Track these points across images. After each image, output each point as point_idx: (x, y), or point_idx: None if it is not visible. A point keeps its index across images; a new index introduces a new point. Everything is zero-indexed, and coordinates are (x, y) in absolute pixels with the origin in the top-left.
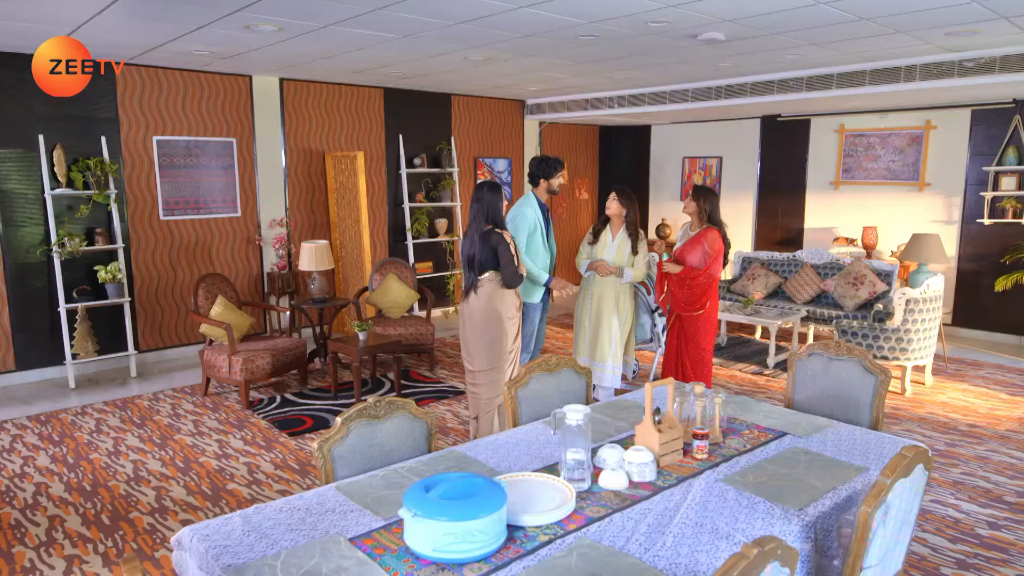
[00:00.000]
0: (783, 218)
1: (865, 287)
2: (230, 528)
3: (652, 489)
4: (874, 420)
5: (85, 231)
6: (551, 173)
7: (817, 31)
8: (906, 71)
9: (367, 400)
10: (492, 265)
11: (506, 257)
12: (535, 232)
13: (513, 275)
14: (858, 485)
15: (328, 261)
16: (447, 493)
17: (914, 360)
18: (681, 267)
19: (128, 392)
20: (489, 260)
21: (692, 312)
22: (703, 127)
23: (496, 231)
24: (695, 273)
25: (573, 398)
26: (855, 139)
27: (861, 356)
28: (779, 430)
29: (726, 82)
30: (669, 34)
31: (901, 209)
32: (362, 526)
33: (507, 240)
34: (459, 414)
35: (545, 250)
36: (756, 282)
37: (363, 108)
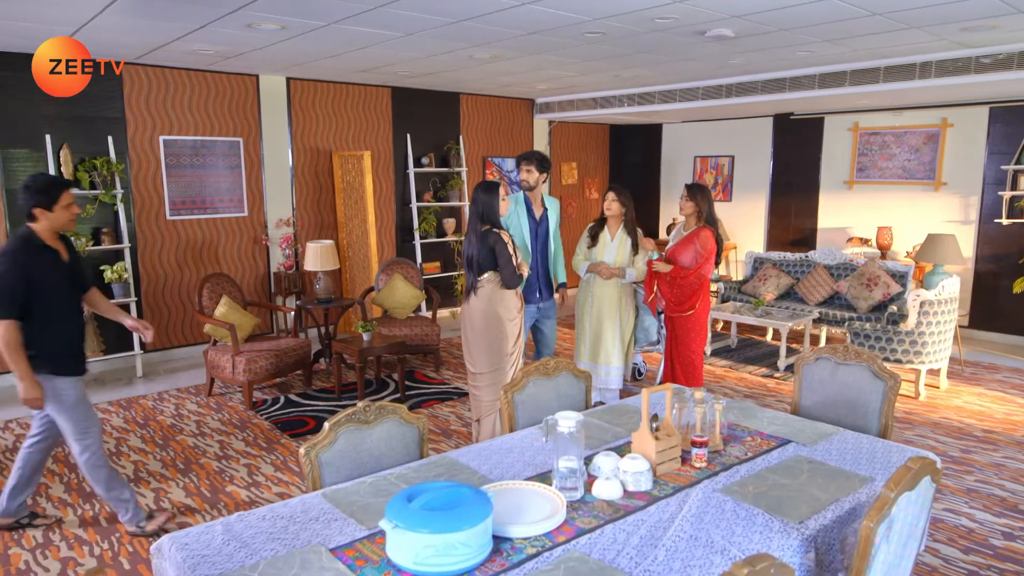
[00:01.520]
0: (796, 218)
1: (879, 288)
2: (210, 537)
3: (647, 499)
4: (883, 427)
5: (92, 231)
6: (517, 169)
7: (828, 27)
8: (921, 68)
9: (356, 404)
10: (491, 265)
11: (504, 257)
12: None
13: (512, 275)
14: (863, 496)
15: (333, 261)
16: (429, 504)
17: (928, 363)
18: (671, 266)
19: (133, 392)
20: (488, 260)
21: (682, 313)
22: (715, 126)
23: (494, 231)
24: (685, 273)
25: (571, 403)
26: (870, 137)
27: (869, 361)
28: (782, 437)
29: (737, 80)
30: (676, 31)
31: (916, 209)
32: (345, 536)
33: (504, 240)
34: (463, 416)
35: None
36: (768, 283)
37: (371, 107)
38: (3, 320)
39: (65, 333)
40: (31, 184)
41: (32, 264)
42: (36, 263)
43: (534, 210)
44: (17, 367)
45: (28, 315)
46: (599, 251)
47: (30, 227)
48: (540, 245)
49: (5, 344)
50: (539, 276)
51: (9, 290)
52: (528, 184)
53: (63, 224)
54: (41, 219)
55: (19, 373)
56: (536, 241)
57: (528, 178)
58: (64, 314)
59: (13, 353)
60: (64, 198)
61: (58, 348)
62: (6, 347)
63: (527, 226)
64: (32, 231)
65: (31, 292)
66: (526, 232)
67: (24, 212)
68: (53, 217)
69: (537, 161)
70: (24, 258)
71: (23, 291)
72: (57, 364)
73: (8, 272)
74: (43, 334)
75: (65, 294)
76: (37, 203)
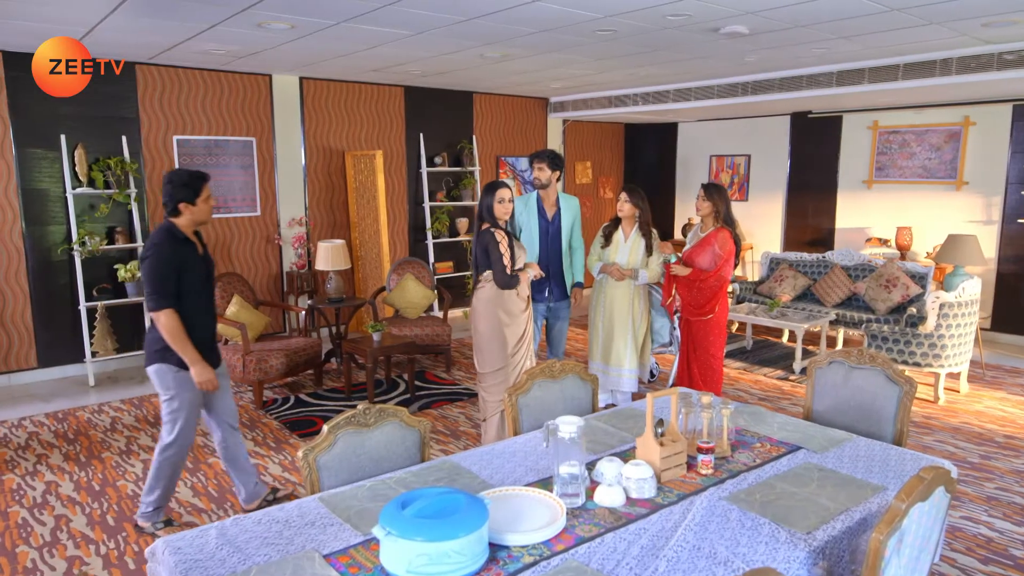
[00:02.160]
0: (813, 218)
1: (898, 290)
2: (204, 541)
3: (650, 507)
4: (897, 434)
5: (105, 230)
6: (530, 168)
7: (845, 23)
8: (942, 65)
9: (356, 407)
10: (488, 265)
11: (494, 256)
12: (524, 228)
13: (502, 275)
14: (874, 506)
15: (345, 261)
16: (423, 511)
17: (948, 367)
18: (690, 269)
19: (146, 391)
20: (484, 260)
21: (701, 316)
22: (731, 124)
23: (489, 231)
24: (705, 275)
25: (578, 406)
26: (889, 136)
27: (884, 365)
28: (793, 444)
29: (753, 78)
30: (690, 28)
31: (937, 209)
32: (340, 541)
33: (498, 239)
34: (472, 417)
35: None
36: (784, 284)
37: (383, 107)
38: (165, 309)
39: (201, 327)
40: (175, 179)
41: (178, 256)
42: (181, 255)
43: (546, 209)
44: (185, 352)
45: None
46: (612, 252)
47: (172, 221)
48: (550, 244)
49: (170, 332)
50: (550, 275)
51: (164, 279)
52: (540, 182)
53: (204, 217)
54: (184, 213)
55: (188, 358)
56: (546, 240)
57: (540, 176)
58: (201, 307)
59: (178, 339)
60: (205, 191)
61: (195, 341)
62: (171, 335)
63: (537, 226)
64: (174, 225)
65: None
66: (535, 232)
67: (169, 207)
68: (195, 211)
69: (549, 159)
70: (171, 249)
71: (174, 281)
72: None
73: (160, 263)
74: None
75: (201, 288)
76: (183, 197)
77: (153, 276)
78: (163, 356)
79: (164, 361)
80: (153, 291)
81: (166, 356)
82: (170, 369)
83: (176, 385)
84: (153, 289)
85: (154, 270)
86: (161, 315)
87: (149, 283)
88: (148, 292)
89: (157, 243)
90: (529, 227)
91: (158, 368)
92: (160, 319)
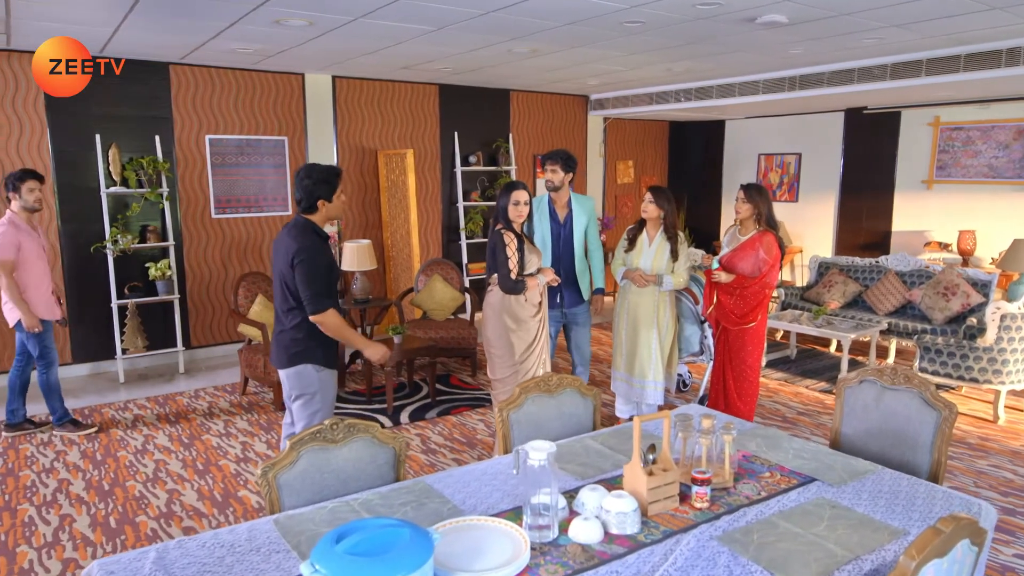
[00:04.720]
0: (868, 220)
1: (957, 298)
2: (140, 565)
3: (630, 545)
4: (934, 464)
5: (138, 228)
6: (543, 169)
7: (895, 10)
8: (1008, 55)
9: (323, 423)
10: (495, 267)
11: (500, 258)
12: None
13: (505, 279)
14: (890, 554)
15: (371, 261)
16: (358, 547)
17: (1009, 384)
18: (733, 276)
19: (172, 388)
20: (492, 262)
21: (743, 325)
22: (780, 121)
23: (500, 231)
24: (749, 282)
25: (576, 423)
26: (952, 133)
27: (921, 387)
28: (806, 475)
29: (800, 72)
30: (723, 18)
31: (1004, 211)
32: (280, 573)
33: (505, 241)
34: (491, 425)
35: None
36: (833, 290)
37: (417, 105)
38: (329, 309)
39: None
40: (312, 174)
41: (327, 254)
42: (329, 253)
43: (557, 212)
44: (355, 341)
45: (300, 304)
46: (635, 256)
47: (309, 219)
48: (562, 248)
49: (336, 329)
50: (564, 280)
51: (323, 280)
52: (553, 184)
53: (338, 213)
54: (321, 209)
55: (360, 344)
56: (557, 244)
57: (553, 178)
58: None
59: (346, 332)
60: (340, 186)
61: (329, 341)
62: (339, 332)
63: (548, 229)
64: (312, 222)
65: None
66: (548, 235)
67: (304, 204)
68: (331, 207)
69: (563, 161)
70: (322, 248)
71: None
72: (326, 356)
73: (318, 261)
74: (315, 326)
75: (335, 285)
76: (322, 194)
77: (313, 278)
78: (306, 356)
79: (309, 361)
80: (316, 293)
81: (309, 356)
82: (315, 369)
83: (320, 384)
84: (316, 291)
85: (314, 271)
86: (326, 315)
87: (310, 286)
88: (309, 295)
89: (308, 245)
90: (541, 230)
91: (301, 369)
92: (326, 320)
